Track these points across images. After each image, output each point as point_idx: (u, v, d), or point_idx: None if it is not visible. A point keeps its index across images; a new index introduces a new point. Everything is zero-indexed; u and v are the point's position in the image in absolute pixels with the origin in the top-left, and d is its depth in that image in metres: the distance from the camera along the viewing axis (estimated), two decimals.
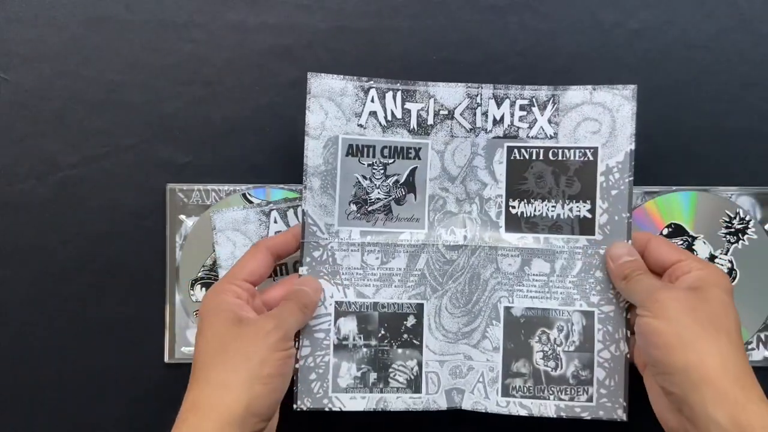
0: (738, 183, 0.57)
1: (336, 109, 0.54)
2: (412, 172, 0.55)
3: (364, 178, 0.55)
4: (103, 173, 0.59)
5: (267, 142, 0.59)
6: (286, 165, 0.58)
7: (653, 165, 0.57)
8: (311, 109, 0.54)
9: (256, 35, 0.59)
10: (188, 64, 0.59)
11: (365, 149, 0.55)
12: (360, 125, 0.54)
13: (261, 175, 0.58)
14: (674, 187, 0.57)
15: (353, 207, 0.55)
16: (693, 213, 0.57)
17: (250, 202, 0.58)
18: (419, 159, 0.55)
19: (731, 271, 0.57)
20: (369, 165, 0.55)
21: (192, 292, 0.58)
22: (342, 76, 0.54)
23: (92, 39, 0.59)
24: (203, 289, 0.58)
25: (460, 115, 0.54)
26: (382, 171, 0.55)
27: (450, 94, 0.54)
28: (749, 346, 0.57)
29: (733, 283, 0.56)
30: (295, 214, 0.58)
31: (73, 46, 0.59)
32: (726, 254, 0.57)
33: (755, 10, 0.58)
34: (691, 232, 0.57)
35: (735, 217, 0.57)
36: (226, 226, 0.58)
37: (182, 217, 0.58)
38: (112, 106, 0.59)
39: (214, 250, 0.58)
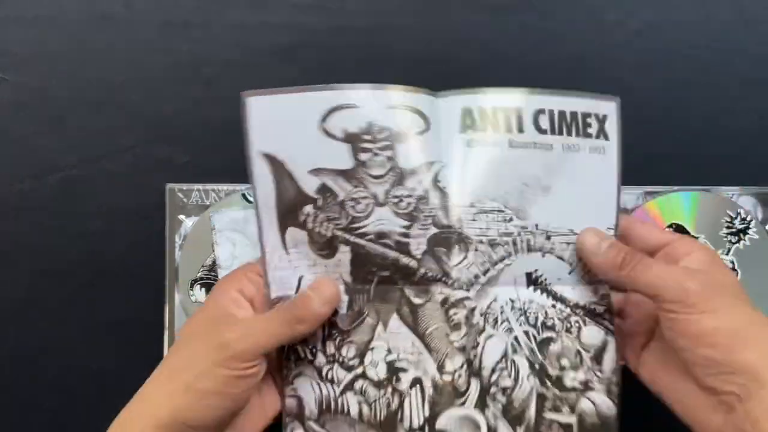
0: (739, 183, 0.57)
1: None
2: None
3: None
4: (103, 173, 0.59)
5: None
6: None
7: (654, 165, 0.57)
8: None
9: (256, 35, 0.59)
10: (188, 64, 0.59)
11: None
12: None
13: None
14: (675, 187, 0.57)
15: None
16: (694, 213, 0.57)
17: (250, 202, 0.58)
18: None
19: (732, 271, 0.56)
20: None
21: (192, 293, 0.58)
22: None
23: (92, 39, 0.59)
24: (203, 289, 0.58)
25: None
26: None
27: None
28: None
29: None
30: None
31: (73, 46, 0.59)
32: (727, 254, 0.57)
33: (756, 9, 0.58)
34: (693, 233, 0.57)
35: (736, 217, 0.57)
36: (226, 226, 0.58)
37: (182, 217, 0.58)
38: (112, 106, 0.59)
39: (213, 251, 0.58)
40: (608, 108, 0.46)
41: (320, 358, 0.47)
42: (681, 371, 0.44)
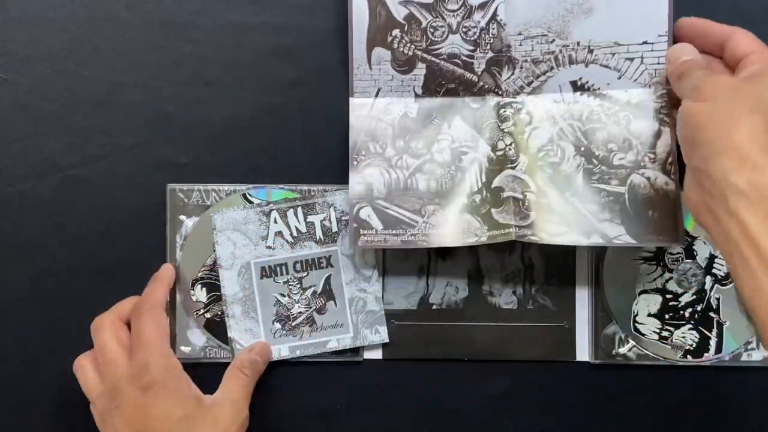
0: None
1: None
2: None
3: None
4: (103, 173, 0.59)
5: (267, 142, 0.59)
6: (286, 165, 0.58)
7: None
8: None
9: (256, 35, 0.59)
10: (188, 64, 0.59)
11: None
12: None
13: (261, 175, 0.58)
14: None
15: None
16: None
17: (250, 202, 0.58)
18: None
19: None
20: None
21: (192, 292, 0.58)
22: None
23: (92, 39, 0.59)
24: (203, 288, 0.58)
25: None
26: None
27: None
28: (749, 346, 0.57)
29: (733, 284, 0.57)
30: (295, 214, 0.58)
31: (73, 46, 0.59)
32: None
33: (755, 10, 0.58)
34: (692, 232, 0.58)
35: None
36: (227, 226, 0.58)
37: (182, 217, 0.58)
38: (112, 106, 0.59)
39: (214, 250, 0.58)
40: None
41: (389, 151, 0.56)
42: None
